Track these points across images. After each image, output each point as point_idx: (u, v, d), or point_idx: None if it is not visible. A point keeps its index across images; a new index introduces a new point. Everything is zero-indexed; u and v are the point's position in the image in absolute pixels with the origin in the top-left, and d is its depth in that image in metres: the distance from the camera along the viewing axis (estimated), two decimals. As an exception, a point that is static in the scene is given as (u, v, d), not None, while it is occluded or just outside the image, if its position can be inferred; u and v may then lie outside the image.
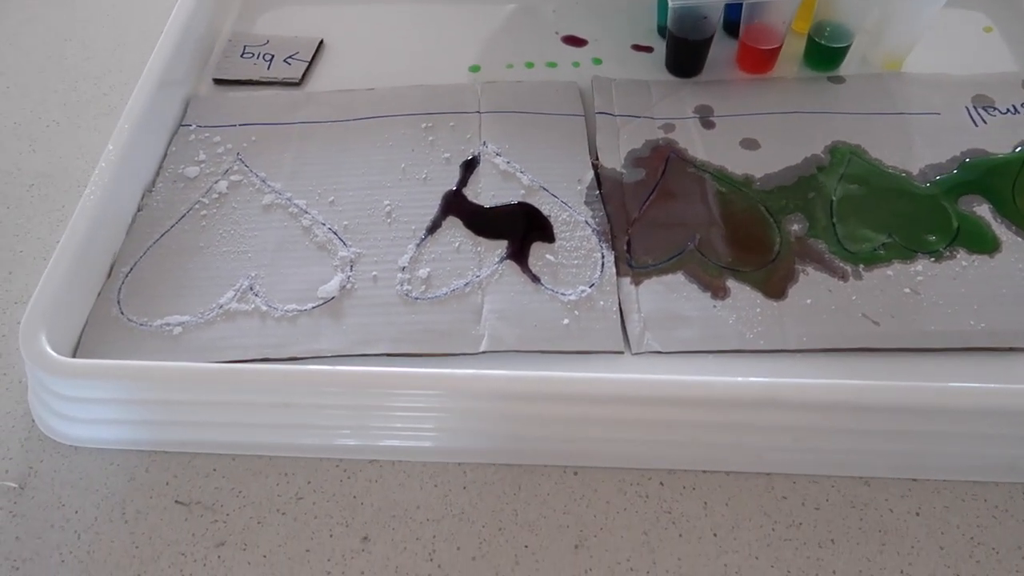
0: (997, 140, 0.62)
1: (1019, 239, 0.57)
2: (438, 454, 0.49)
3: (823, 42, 0.67)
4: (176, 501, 0.47)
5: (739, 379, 0.47)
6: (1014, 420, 0.47)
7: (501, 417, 0.49)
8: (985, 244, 0.56)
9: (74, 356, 0.51)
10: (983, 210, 0.58)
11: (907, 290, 0.54)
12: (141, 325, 0.53)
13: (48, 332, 0.48)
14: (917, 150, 0.62)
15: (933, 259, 0.56)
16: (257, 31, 0.75)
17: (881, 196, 0.59)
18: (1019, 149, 0.62)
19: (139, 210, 0.59)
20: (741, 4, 0.65)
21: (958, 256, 0.56)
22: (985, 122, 0.64)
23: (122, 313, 0.54)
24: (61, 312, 0.51)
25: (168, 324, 0.53)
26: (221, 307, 0.54)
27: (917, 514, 0.46)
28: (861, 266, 0.55)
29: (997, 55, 0.70)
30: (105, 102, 0.70)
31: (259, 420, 0.49)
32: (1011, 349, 0.52)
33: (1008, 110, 0.65)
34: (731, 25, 0.70)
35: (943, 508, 0.46)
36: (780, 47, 0.68)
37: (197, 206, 0.60)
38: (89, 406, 0.49)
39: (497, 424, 0.49)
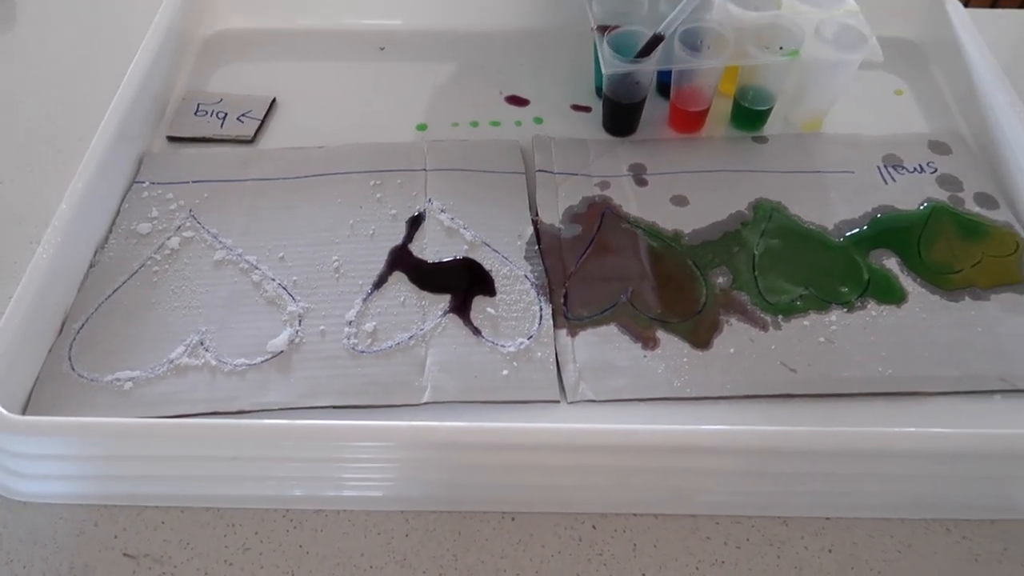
0: (905, 197, 0.68)
1: (924, 290, 0.61)
2: (382, 503, 0.51)
3: (747, 105, 0.72)
4: (124, 554, 0.48)
5: (663, 427, 0.50)
6: (918, 461, 0.51)
7: (443, 466, 0.51)
8: (893, 295, 0.61)
9: (24, 412, 0.52)
10: (891, 263, 0.63)
11: (822, 339, 0.58)
12: (92, 380, 0.54)
13: (-2, 390, 0.50)
14: (832, 206, 0.67)
15: (846, 309, 0.60)
16: (212, 87, 0.77)
17: (799, 250, 0.64)
18: (924, 206, 0.67)
19: (91, 266, 0.61)
20: (671, 69, 0.69)
21: (868, 306, 0.60)
22: (895, 180, 0.69)
23: (73, 369, 0.55)
24: (12, 369, 0.52)
25: (119, 379, 0.54)
26: (172, 362, 0.56)
27: (830, 551, 0.50)
28: (780, 317, 0.59)
29: (907, 116, 0.76)
30: (59, 159, 0.72)
31: (207, 473, 0.51)
32: (915, 393, 0.56)
33: (915, 169, 0.70)
34: (664, 87, 0.75)
35: (852, 544, 0.50)
36: (708, 109, 0.72)
37: (149, 262, 0.61)
38: (39, 462, 0.50)
39: (439, 473, 0.51)
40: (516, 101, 0.77)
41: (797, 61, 0.68)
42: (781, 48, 0.69)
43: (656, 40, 0.65)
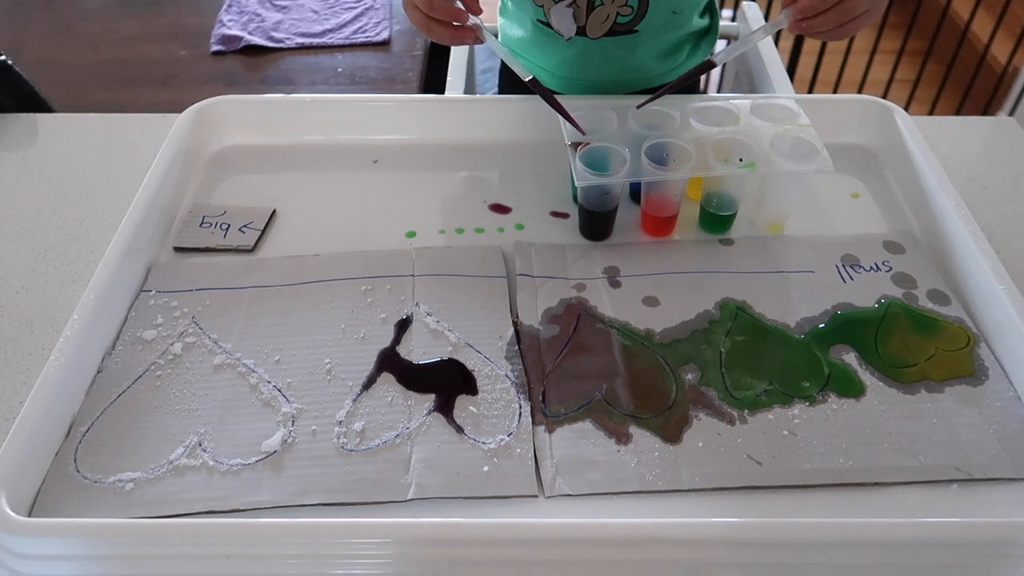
0: (862, 295, 0.72)
1: (881, 384, 0.65)
2: (367, 598, 0.53)
3: (712, 211, 0.78)
4: (120, 652, 0.51)
5: (632, 520, 0.53)
6: (879, 549, 0.54)
7: (429, 560, 0.54)
8: (852, 389, 0.65)
9: (30, 514, 0.56)
10: (850, 358, 0.67)
11: (785, 432, 0.61)
12: (95, 482, 0.58)
13: (7, 494, 0.53)
14: (794, 304, 0.71)
15: (808, 403, 0.63)
16: (217, 200, 0.83)
17: (763, 347, 0.68)
18: (881, 303, 0.71)
19: (98, 372, 0.65)
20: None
21: (829, 400, 0.64)
22: (852, 279, 0.74)
23: (78, 471, 0.58)
24: (21, 474, 0.55)
25: (121, 480, 0.58)
26: (171, 463, 0.59)
27: (796, 640, 0.52)
28: (746, 411, 0.63)
29: (863, 218, 0.81)
30: (72, 269, 0.77)
31: (203, 571, 0.53)
32: (876, 484, 0.59)
33: (872, 267, 0.75)
34: (636, 194, 0.81)
35: (817, 633, 0.52)
36: (676, 215, 0.78)
37: (153, 367, 0.66)
38: (43, 562, 0.53)
39: (423, 567, 0.54)
40: (499, 209, 0.82)
41: (755, 171, 0.73)
42: (741, 160, 0.75)
43: (708, 65, 0.76)
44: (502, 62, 1.03)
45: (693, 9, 0.88)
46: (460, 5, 0.73)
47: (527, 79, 0.75)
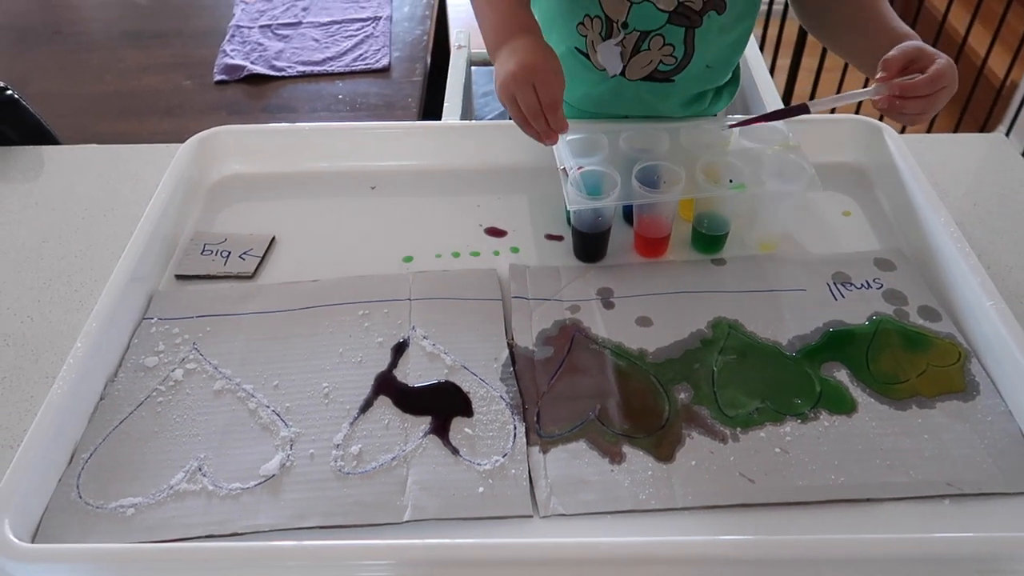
0: (853, 312, 0.73)
1: (873, 400, 0.66)
2: (364, 620, 0.54)
3: (703, 231, 0.79)
4: (120, 677, 0.51)
5: (625, 539, 0.54)
6: (872, 566, 0.54)
7: (422, 582, 0.55)
8: (844, 406, 0.65)
9: (33, 540, 0.56)
10: (842, 375, 0.68)
11: (777, 450, 0.62)
12: (97, 508, 0.58)
13: (11, 520, 0.54)
14: (786, 323, 0.72)
15: (800, 421, 0.64)
16: (217, 227, 0.85)
17: (755, 365, 0.68)
18: (872, 320, 0.72)
19: (101, 399, 0.66)
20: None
21: (821, 417, 0.64)
22: (844, 296, 0.75)
23: (80, 497, 0.59)
24: (25, 500, 0.56)
25: (122, 506, 0.59)
26: (171, 488, 0.60)
27: (789, 657, 0.52)
28: (738, 429, 0.63)
29: (854, 236, 0.82)
30: (76, 298, 0.78)
31: (201, 594, 0.54)
32: (868, 500, 0.59)
33: (862, 285, 0.76)
34: (630, 215, 0.82)
35: (810, 651, 0.52)
36: (669, 235, 0.79)
37: (154, 393, 0.67)
38: (45, 588, 0.54)
39: (418, 589, 0.55)
40: (495, 232, 0.84)
41: (745, 192, 0.75)
42: (731, 181, 0.76)
43: (803, 109, 0.76)
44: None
45: (727, 66, 0.89)
46: (552, 124, 0.71)
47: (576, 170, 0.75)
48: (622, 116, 0.88)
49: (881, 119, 0.91)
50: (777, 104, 1.11)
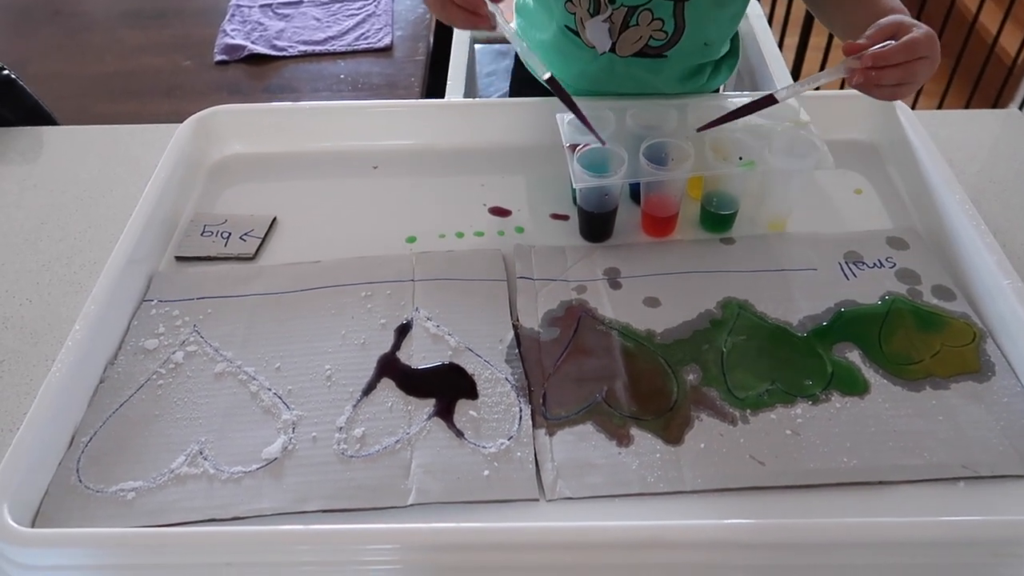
0: (866, 292, 0.71)
1: (886, 381, 0.64)
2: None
3: (712, 210, 0.77)
4: (122, 662, 0.51)
5: (635, 523, 0.53)
6: (885, 549, 0.53)
7: (428, 565, 0.54)
8: (856, 387, 0.64)
9: (33, 524, 0.56)
10: (854, 356, 0.66)
11: (788, 432, 0.61)
12: (97, 492, 0.58)
13: (10, 504, 0.53)
14: (796, 303, 0.71)
15: (811, 402, 0.63)
16: (218, 209, 0.84)
17: (765, 346, 0.67)
18: (884, 300, 0.71)
19: (101, 382, 0.65)
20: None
21: (832, 399, 0.63)
22: (855, 275, 0.73)
23: (80, 481, 0.58)
24: (24, 484, 0.56)
25: (122, 490, 0.58)
26: (172, 471, 0.59)
27: (801, 642, 0.51)
28: (748, 411, 0.62)
29: (866, 214, 0.81)
30: (75, 280, 0.77)
31: (203, 579, 0.53)
32: (881, 483, 0.58)
33: (875, 264, 0.74)
34: (637, 194, 0.80)
35: (822, 635, 0.51)
36: (677, 214, 0.77)
37: (154, 376, 0.66)
38: (47, 572, 0.53)
39: (425, 572, 0.54)
40: (499, 212, 0.82)
41: (755, 170, 0.73)
42: (740, 158, 0.74)
43: (770, 100, 0.71)
44: (514, 63, 1.02)
45: (723, 40, 0.87)
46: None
47: (545, 77, 0.73)
48: (617, 94, 0.86)
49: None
50: (786, 80, 1.09)
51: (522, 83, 0.97)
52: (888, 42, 0.66)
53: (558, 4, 0.83)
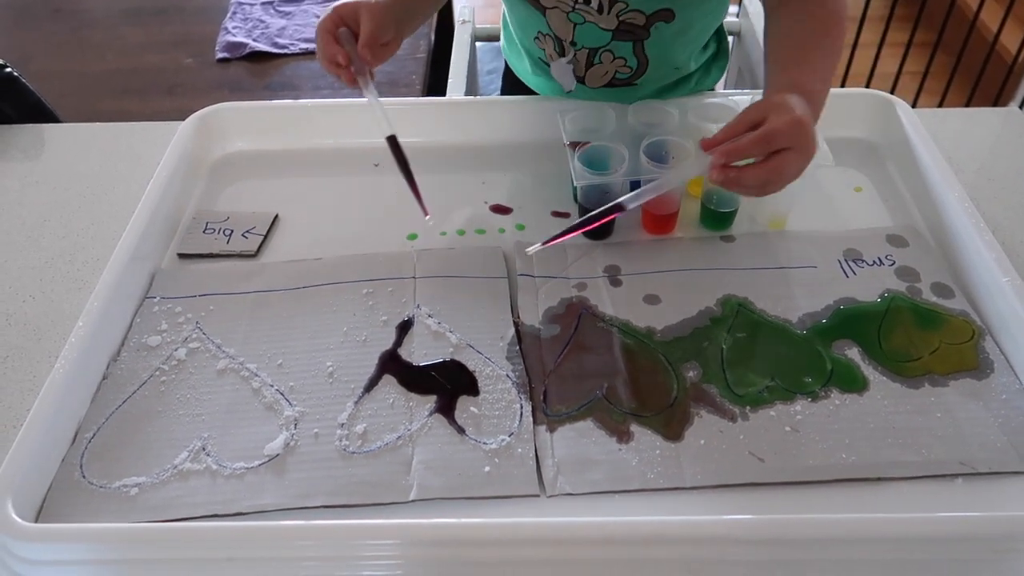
0: (865, 289, 0.72)
1: (885, 378, 0.64)
2: (371, 598, 0.54)
3: (712, 207, 0.77)
4: (126, 656, 0.51)
5: (634, 519, 0.53)
6: (883, 545, 0.53)
7: (429, 560, 0.54)
8: (855, 384, 0.64)
9: (37, 519, 0.56)
10: (853, 353, 0.66)
11: (788, 428, 0.61)
12: (101, 487, 0.58)
13: (14, 499, 0.54)
14: (796, 300, 0.71)
15: (810, 399, 0.63)
16: (220, 206, 0.84)
17: (765, 343, 0.67)
18: (884, 297, 0.71)
19: (104, 378, 0.66)
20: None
21: (832, 395, 0.63)
22: (855, 273, 0.73)
23: (83, 476, 0.59)
24: (28, 480, 0.56)
25: (126, 485, 0.58)
26: (175, 467, 0.59)
27: (799, 637, 0.51)
28: (748, 408, 0.63)
29: (866, 212, 0.81)
30: (78, 277, 0.77)
31: (206, 573, 0.54)
32: (880, 479, 0.58)
33: (874, 262, 0.74)
34: (637, 192, 0.81)
35: (820, 630, 0.52)
36: (677, 212, 0.78)
37: (157, 373, 0.66)
38: (50, 567, 0.53)
39: (426, 568, 0.54)
40: (500, 210, 0.82)
41: (755, 167, 0.73)
42: (740, 156, 0.74)
43: (618, 208, 0.65)
44: (506, 63, 1.02)
45: (694, 58, 0.87)
46: (351, 51, 0.74)
47: (387, 136, 0.73)
48: None
49: (893, 91, 0.89)
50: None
51: (511, 84, 0.98)
52: (746, 134, 0.60)
53: (528, 38, 0.85)
